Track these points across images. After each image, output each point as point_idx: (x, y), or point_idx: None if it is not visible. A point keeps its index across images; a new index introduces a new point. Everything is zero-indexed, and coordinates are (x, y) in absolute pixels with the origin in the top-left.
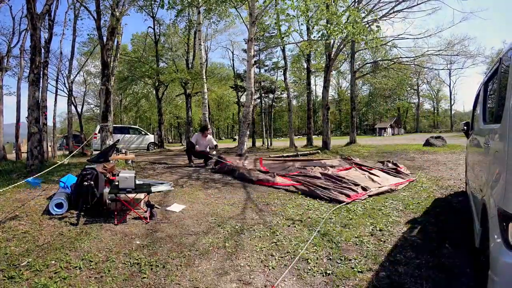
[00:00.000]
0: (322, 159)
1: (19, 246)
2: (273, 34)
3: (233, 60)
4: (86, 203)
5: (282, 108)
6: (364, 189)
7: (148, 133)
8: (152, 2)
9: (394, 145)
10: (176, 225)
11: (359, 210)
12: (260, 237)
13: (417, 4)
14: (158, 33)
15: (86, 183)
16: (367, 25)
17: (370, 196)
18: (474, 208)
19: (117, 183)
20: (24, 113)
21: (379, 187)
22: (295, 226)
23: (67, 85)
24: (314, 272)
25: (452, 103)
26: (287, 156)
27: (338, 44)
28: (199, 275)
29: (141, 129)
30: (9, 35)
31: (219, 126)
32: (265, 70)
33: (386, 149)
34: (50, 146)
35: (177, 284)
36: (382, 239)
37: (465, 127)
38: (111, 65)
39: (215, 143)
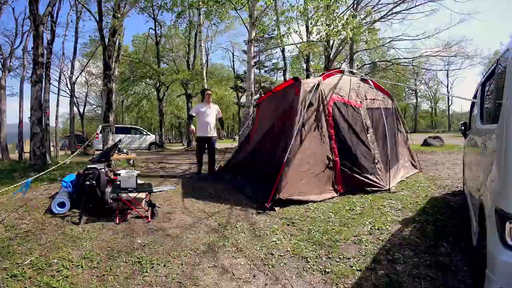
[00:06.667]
0: None
1: (21, 245)
2: (273, 35)
3: (233, 61)
4: (88, 202)
5: None
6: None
7: (149, 133)
8: (153, 4)
9: None
10: (177, 224)
11: (358, 209)
12: (260, 236)
13: (415, 6)
14: (159, 34)
15: (88, 183)
16: (364, 26)
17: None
18: (471, 207)
19: (118, 182)
20: (26, 113)
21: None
22: (294, 226)
23: (69, 85)
24: (313, 271)
25: (449, 104)
26: None
27: (337, 45)
28: (200, 273)
29: (142, 129)
30: (12, 36)
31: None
32: (265, 71)
33: None
34: (52, 146)
35: (178, 283)
36: (381, 238)
37: (462, 127)
38: (113, 66)
39: (220, 115)
